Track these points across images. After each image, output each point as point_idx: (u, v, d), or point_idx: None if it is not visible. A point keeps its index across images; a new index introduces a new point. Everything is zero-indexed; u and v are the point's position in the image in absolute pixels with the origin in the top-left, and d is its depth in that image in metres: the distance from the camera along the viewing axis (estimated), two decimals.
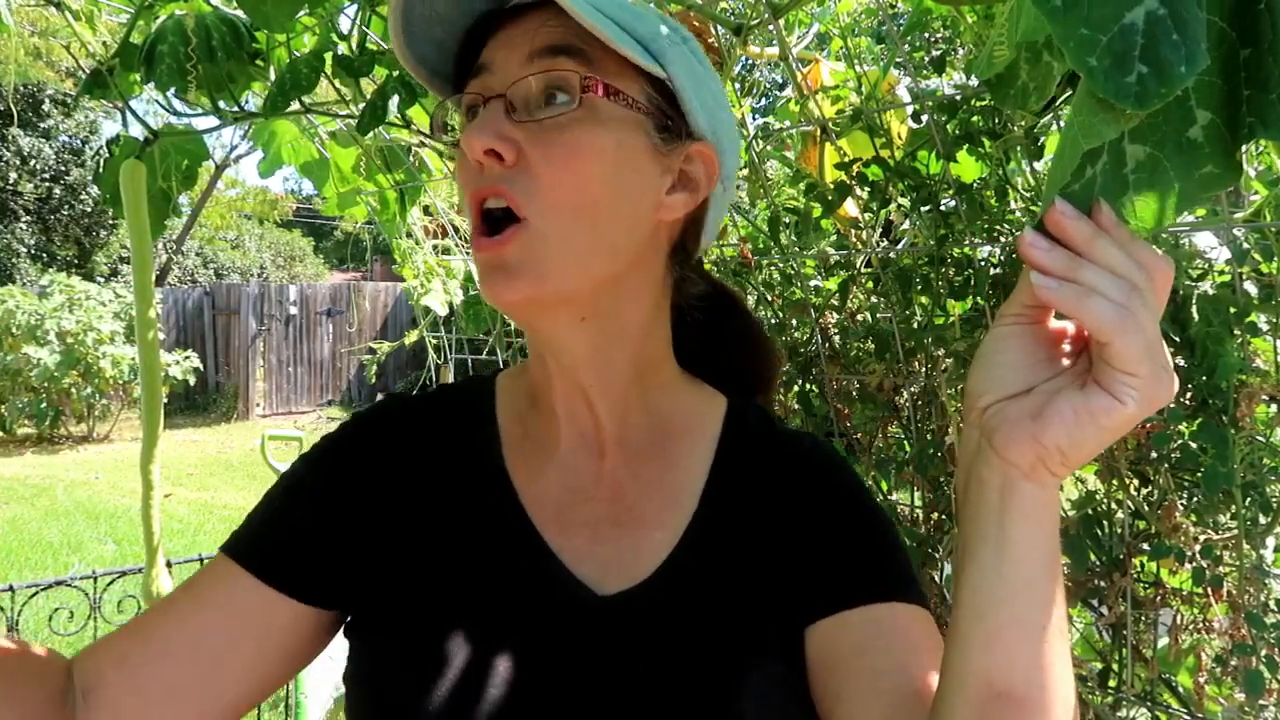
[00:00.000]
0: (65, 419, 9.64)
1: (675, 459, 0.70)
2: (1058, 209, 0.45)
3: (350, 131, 1.75)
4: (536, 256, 0.59)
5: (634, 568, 0.64)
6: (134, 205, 1.40)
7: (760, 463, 0.70)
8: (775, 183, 1.61)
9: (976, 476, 0.50)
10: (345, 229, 16.28)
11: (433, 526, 0.67)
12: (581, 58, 0.61)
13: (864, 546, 0.67)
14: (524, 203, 0.59)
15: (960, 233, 1.17)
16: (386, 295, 12.61)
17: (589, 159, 0.60)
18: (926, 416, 1.30)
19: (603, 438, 0.69)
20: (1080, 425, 0.46)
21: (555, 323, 0.64)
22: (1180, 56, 0.39)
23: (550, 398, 0.69)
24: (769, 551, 0.66)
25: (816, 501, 0.69)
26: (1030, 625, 0.49)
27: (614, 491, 0.68)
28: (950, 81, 1.16)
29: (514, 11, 0.64)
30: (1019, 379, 0.49)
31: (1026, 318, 0.50)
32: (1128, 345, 0.44)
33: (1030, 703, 0.48)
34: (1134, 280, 0.45)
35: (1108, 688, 1.14)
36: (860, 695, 0.59)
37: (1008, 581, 0.49)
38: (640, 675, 0.60)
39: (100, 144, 4.50)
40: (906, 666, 0.60)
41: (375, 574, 0.66)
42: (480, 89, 0.63)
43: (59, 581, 2.53)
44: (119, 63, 1.35)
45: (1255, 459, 0.97)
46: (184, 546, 5.59)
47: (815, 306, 1.41)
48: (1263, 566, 1.01)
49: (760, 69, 2.32)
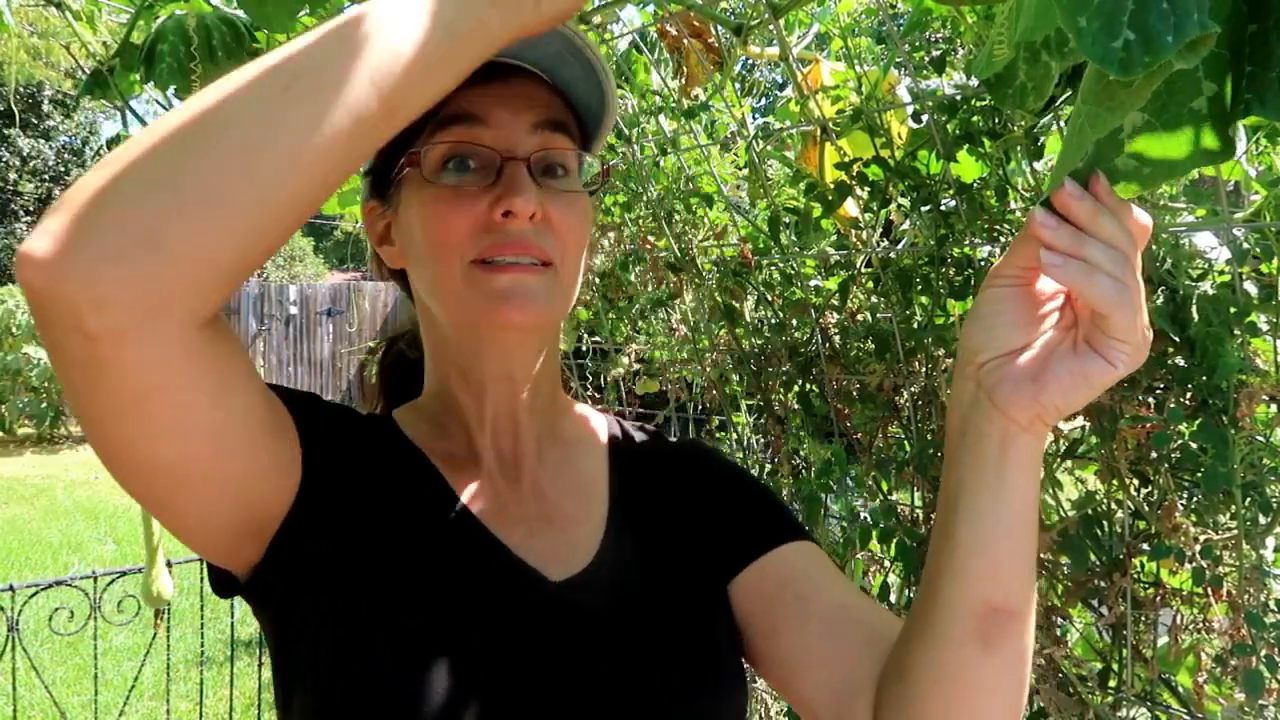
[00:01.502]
0: (65, 419, 9.64)
1: (579, 464, 0.78)
2: (1066, 189, 0.50)
3: None
4: (552, 295, 0.68)
5: (571, 559, 0.71)
6: None
7: (651, 462, 0.81)
8: (775, 183, 1.61)
9: (975, 428, 0.57)
10: (345, 229, 16.29)
11: (380, 520, 0.67)
12: (569, 134, 0.71)
13: (759, 504, 0.79)
14: (552, 253, 0.67)
15: (960, 233, 1.17)
16: (386, 295, 12.60)
17: (586, 222, 0.72)
18: (926, 416, 1.30)
19: (519, 453, 0.75)
20: (1075, 386, 0.53)
21: (528, 349, 0.72)
22: (1168, 26, 0.38)
23: (476, 419, 0.74)
24: (678, 529, 0.76)
25: (709, 482, 0.80)
26: (1023, 553, 0.57)
27: (537, 496, 0.74)
28: (950, 81, 1.16)
29: (490, 70, 0.64)
30: (1014, 337, 0.55)
31: (1019, 279, 0.56)
32: (1123, 317, 0.50)
33: (1019, 611, 0.58)
34: (1127, 251, 0.50)
35: (1108, 688, 1.14)
36: (795, 621, 0.69)
37: (1004, 520, 0.56)
38: (597, 649, 0.66)
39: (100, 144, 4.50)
40: (826, 586, 0.71)
41: (332, 564, 0.64)
42: (475, 139, 0.67)
43: (59, 581, 2.53)
44: (119, 63, 1.35)
45: (1255, 459, 0.97)
46: (183, 546, 5.58)
47: (815, 306, 1.41)
48: (1263, 566, 1.00)
49: (760, 69, 2.32)
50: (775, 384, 1.52)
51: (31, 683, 3.01)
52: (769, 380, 1.53)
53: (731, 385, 1.69)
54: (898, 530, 1.26)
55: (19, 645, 2.35)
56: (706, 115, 1.54)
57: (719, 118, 1.58)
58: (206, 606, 2.88)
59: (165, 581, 1.56)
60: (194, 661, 3.63)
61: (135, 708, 3.40)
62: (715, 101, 1.47)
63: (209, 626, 3.31)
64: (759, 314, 1.60)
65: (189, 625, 4.02)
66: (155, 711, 3.42)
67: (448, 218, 0.66)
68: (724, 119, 1.55)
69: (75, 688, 3.63)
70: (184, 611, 4.20)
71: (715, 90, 1.37)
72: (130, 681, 2.92)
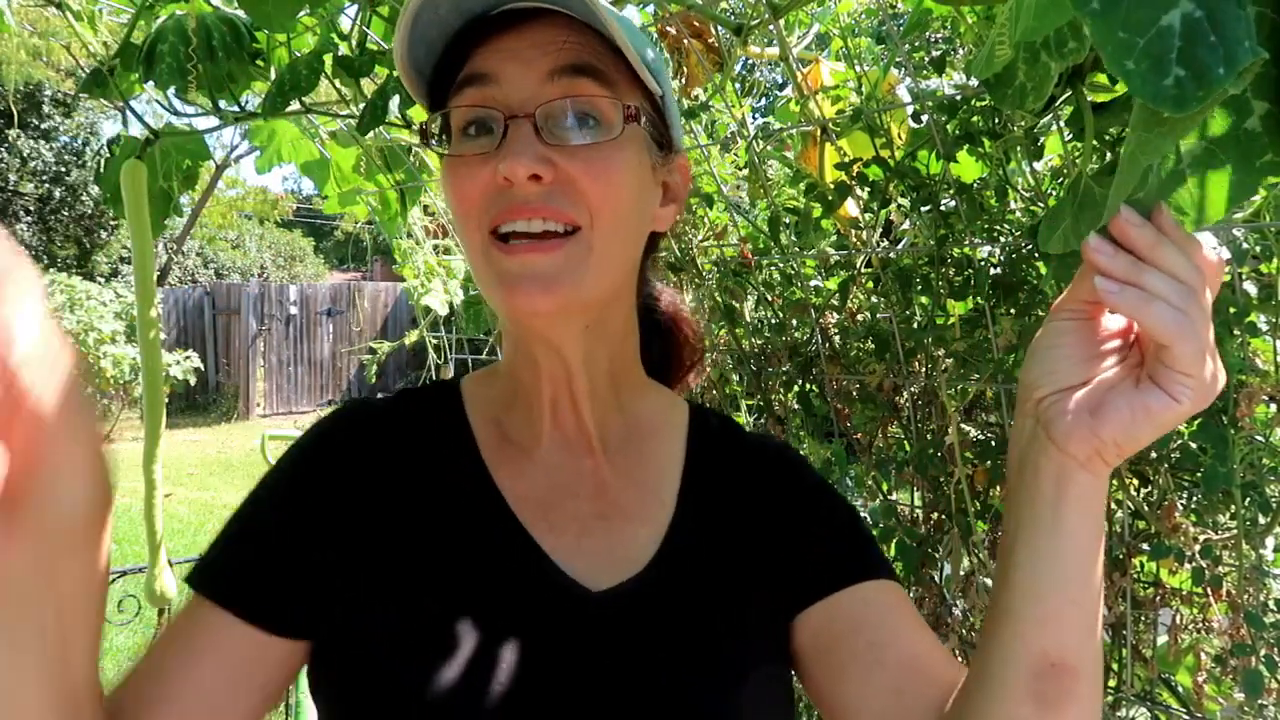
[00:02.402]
0: None
1: (648, 457, 0.72)
2: (1123, 215, 0.48)
3: (350, 131, 1.75)
4: (578, 266, 0.61)
5: (625, 562, 0.65)
6: (135, 205, 1.40)
7: (731, 462, 0.73)
8: (775, 183, 1.61)
9: (1032, 464, 0.53)
10: (345, 229, 16.30)
11: (416, 531, 0.65)
12: (601, 78, 0.62)
13: (842, 533, 0.71)
14: (574, 215, 0.60)
15: (960, 233, 1.17)
16: (387, 295, 12.61)
17: (624, 174, 0.62)
18: (926, 416, 1.30)
19: (587, 437, 0.70)
20: (1136, 422, 0.49)
21: (567, 329, 0.65)
22: (1218, 58, 0.38)
23: (537, 400, 0.70)
24: (750, 544, 0.69)
25: (791, 497, 0.72)
26: (1083, 604, 0.53)
27: (598, 489, 0.69)
28: (950, 81, 1.16)
29: (507, 18, 0.63)
30: (1074, 372, 0.52)
31: (1081, 313, 0.53)
32: (1186, 349, 0.47)
33: (1081, 671, 0.53)
34: (1192, 283, 0.47)
35: (1108, 688, 1.14)
36: (864, 669, 0.62)
37: (1062, 564, 0.52)
38: (637, 669, 0.61)
39: (100, 145, 4.51)
40: (900, 637, 0.64)
41: (358, 588, 0.63)
42: (485, 100, 0.62)
43: None
44: (119, 63, 1.35)
45: (1255, 459, 0.97)
46: (184, 546, 5.58)
47: (815, 306, 1.41)
48: (1262, 566, 1.01)
49: (760, 69, 2.32)
50: (775, 384, 1.52)
51: None
52: (769, 380, 1.53)
53: (731, 385, 1.69)
54: (897, 530, 1.26)
55: None
56: (706, 115, 1.54)
57: (719, 118, 1.58)
58: None
59: (168, 580, 1.56)
60: None
61: None
62: (715, 102, 1.46)
63: None
64: (759, 314, 1.59)
65: None
66: None
67: (461, 187, 0.63)
68: (724, 119, 1.55)
69: None
70: None
71: (715, 90, 1.37)
72: None
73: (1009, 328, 1.09)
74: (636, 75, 0.64)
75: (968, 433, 1.23)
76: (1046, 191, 1.16)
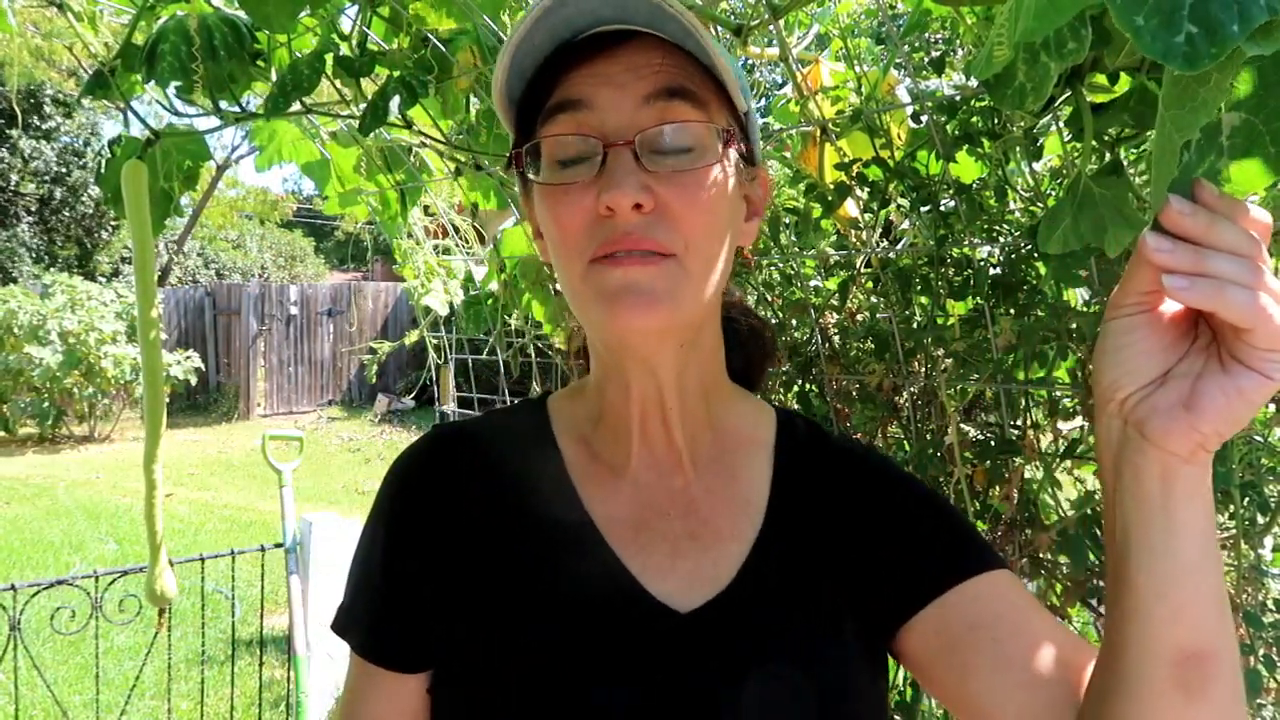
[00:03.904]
0: (67, 419, 9.65)
1: (738, 471, 0.71)
2: (1173, 206, 0.47)
3: (351, 132, 1.76)
4: (677, 289, 0.61)
5: (714, 581, 0.65)
6: (136, 206, 1.40)
7: (820, 470, 0.72)
8: (775, 183, 1.61)
9: (1130, 465, 0.52)
10: (346, 229, 16.31)
11: (511, 557, 0.66)
12: (696, 101, 0.62)
13: (943, 528, 0.69)
14: (670, 243, 0.60)
15: (960, 233, 1.17)
16: (387, 295, 12.62)
17: (719, 199, 0.63)
18: (926, 416, 1.31)
19: (677, 456, 0.70)
20: (1233, 407, 0.48)
21: (663, 348, 0.65)
22: (1232, 15, 0.36)
23: (626, 418, 0.69)
24: (842, 554, 0.68)
25: (883, 500, 0.70)
26: (1209, 592, 0.52)
27: (688, 508, 0.68)
28: (950, 82, 1.17)
29: (596, 42, 0.62)
30: (1152, 366, 0.51)
31: (1143, 305, 0.51)
32: (1269, 328, 0.46)
33: (1220, 653, 0.53)
34: (1252, 254, 0.46)
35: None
36: (991, 666, 0.61)
37: (1182, 559, 0.51)
38: (730, 689, 0.61)
39: (101, 145, 4.52)
40: (1022, 629, 0.62)
41: (465, 618, 0.65)
42: (581, 127, 0.62)
43: (61, 581, 2.53)
44: (121, 63, 1.35)
45: (1253, 459, 0.97)
46: (185, 546, 5.59)
47: (815, 306, 1.41)
48: (1260, 566, 1.01)
49: (760, 69, 2.32)
50: (775, 384, 1.52)
51: (33, 682, 3.01)
52: (769, 380, 1.53)
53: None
54: None
55: (21, 644, 2.36)
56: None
57: None
58: (207, 606, 2.88)
59: (169, 580, 1.57)
60: (195, 661, 3.63)
61: (136, 707, 3.40)
62: None
63: (210, 626, 3.32)
64: (759, 314, 1.59)
65: (190, 625, 4.02)
66: (156, 711, 3.42)
67: (562, 218, 0.62)
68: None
69: (77, 687, 3.63)
70: (185, 611, 4.21)
71: None
72: (131, 681, 2.93)
73: (1008, 328, 1.09)
74: (726, 93, 0.64)
75: (967, 433, 1.23)
76: (1046, 192, 1.17)
